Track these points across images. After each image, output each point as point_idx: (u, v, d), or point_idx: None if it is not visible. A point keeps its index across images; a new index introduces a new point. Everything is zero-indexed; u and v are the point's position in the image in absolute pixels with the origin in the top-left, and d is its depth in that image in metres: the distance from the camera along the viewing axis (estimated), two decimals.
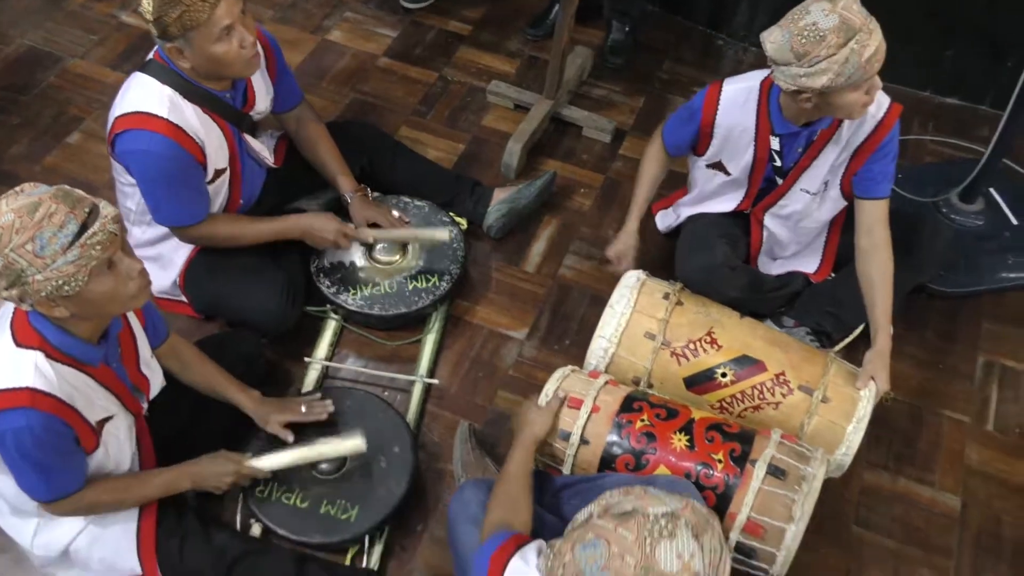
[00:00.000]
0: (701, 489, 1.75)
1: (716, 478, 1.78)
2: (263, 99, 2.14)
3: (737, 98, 2.04)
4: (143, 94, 1.91)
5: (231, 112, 2.04)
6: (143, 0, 1.77)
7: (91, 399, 1.60)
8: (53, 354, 1.52)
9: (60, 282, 1.40)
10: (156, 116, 1.88)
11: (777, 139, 2.05)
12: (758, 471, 1.76)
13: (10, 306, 1.56)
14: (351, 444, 1.90)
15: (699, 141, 2.13)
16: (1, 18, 3.00)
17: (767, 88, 2.01)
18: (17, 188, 1.43)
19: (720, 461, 1.79)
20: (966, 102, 3.01)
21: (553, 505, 1.77)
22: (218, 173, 2.05)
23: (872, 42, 1.76)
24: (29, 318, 1.52)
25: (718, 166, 2.17)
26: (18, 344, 1.51)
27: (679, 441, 1.82)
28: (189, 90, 1.92)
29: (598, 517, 1.18)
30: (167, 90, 1.90)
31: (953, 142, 2.88)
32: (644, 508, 1.15)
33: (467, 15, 3.16)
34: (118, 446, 1.72)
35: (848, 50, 1.75)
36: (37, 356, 1.50)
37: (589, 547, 1.14)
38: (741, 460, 1.79)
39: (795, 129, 2.01)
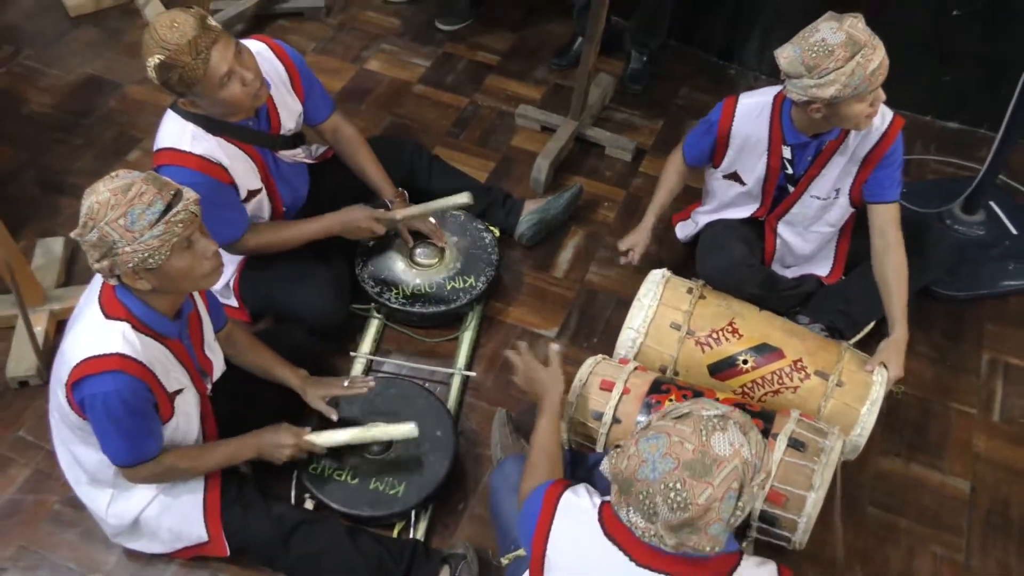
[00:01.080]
0: None
1: None
2: (289, 118, 2.25)
3: (752, 111, 2.22)
4: (172, 131, 2.07)
5: (259, 137, 2.18)
6: (148, 70, 1.91)
7: (168, 370, 1.75)
8: (137, 326, 1.68)
9: (146, 255, 1.56)
10: (182, 151, 2.04)
11: (788, 148, 2.21)
12: (779, 443, 1.89)
13: (97, 285, 1.72)
14: (404, 429, 2.01)
15: (716, 151, 2.30)
16: (66, 50, 3.23)
17: (780, 102, 2.18)
18: (112, 173, 1.60)
19: None
20: (965, 126, 3.19)
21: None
22: (252, 193, 2.21)
23: (876, 56, 1.94)
24: (116, 293, 1.68)
25: (734, 176, 2.33)
26: (107, 316, 1.67)
27: None
28: (210, 125, 2.07)
29: (657, 420, 1.34)
30: (190, 126, 2.06)
31: (954, 161, 3.04)
32: (698, 411, 1.32)
33: (495, 47, 3.37)
34: (187, 421, 1.86)
35: (854, 63, 1.92)
36: (124, 327, 1.66)
37: (652, 439, 1.30)
38: (763, 434, 1.91)
39: (805, 139, 2.17)
